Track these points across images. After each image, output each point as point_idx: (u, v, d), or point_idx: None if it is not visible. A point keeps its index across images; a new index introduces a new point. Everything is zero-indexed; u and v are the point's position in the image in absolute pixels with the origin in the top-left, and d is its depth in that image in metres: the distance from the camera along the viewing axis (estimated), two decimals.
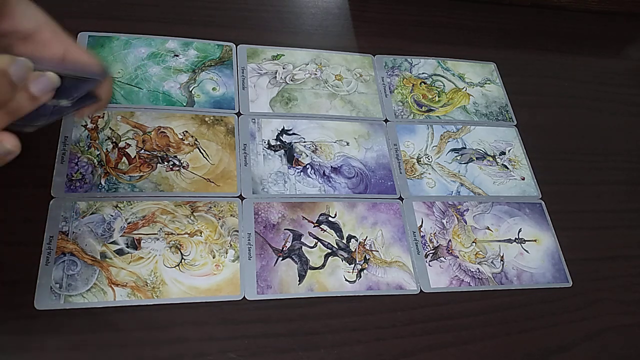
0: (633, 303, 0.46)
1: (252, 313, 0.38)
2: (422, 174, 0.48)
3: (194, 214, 0.41)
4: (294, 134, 0.47)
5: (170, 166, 0.43)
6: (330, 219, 0.44)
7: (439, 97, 0.54)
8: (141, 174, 0.42)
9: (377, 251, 0.43)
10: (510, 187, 0.50)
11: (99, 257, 0.38)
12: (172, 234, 0.40)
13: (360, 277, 0.42)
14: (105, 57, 0.47)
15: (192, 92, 0.47)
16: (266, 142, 0.46)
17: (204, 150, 0.44)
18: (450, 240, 0.45)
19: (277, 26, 0.54)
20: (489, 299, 0.43)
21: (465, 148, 0.51)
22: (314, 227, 0.43)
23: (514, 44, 0.61)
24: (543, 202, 0.49)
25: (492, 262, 0.45)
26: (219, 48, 0.50)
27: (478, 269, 0.44)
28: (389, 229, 0.44)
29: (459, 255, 0.45)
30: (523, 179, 0.51)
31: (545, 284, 0.45)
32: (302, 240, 0.42)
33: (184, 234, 0.40)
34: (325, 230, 0.43)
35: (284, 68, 0.51)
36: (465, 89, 0.55)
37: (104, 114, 0.44)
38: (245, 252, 0.40)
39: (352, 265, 0.42)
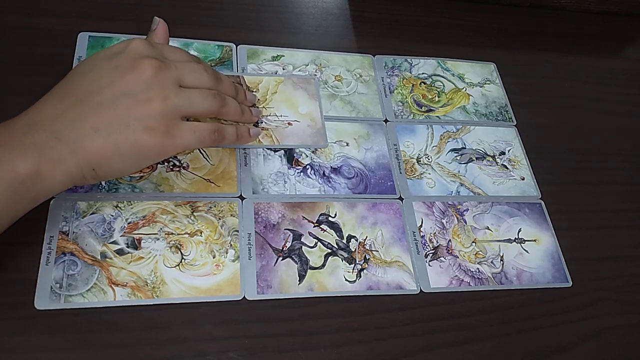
0: (633, 303, 0.46)
1: (252, 313, 0.38)
2: (422, 174, 0.48)
3: (194, 214, 0.41)
4: None
5: (171, 167, 0.43)
6: (330, 219, 0.44)
7: (438, 97, 0.54)
8: (141, 174, 0.42)
9: (377, 251, 0.43)
10: (510, 187, 0.50)
11: (99, 257, 0.38)
12: (172, 233, 0.40)
13: (360, 277, 0.42)
14: None
15: None
16: None
17: (204, 151, 0.44)
18: (450, 240, 0.45)
19: (277, 27, 0.54)
20: (489, 298, 0.43)
21: (465, 148, 0.51)
22: (314, 227, 0.43)
23: (514, 44, 0.62)
24: (543, 202, 0.49)
25: (491, 262, 0.45)
26: (219, 49, 0.50)
27: (478, 268, 0.44)
28: (389, 229, 0.44)
29: (459, 255, 0.45)
30: (523, 179, 0.51)
31: (545, 284, 0.45)
32: (302, 240, 0.42)
33: (184, 234, 0.40)
34: (325, 230, 0.43)
35: (283, 69, 0.51)
36: (465, 89, 0.55)
37: None
38: (246, 252, 0.40)
39: (352, 265, 0.42)
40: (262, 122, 0.46)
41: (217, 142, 0.39)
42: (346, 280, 0.41)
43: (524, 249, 0.46)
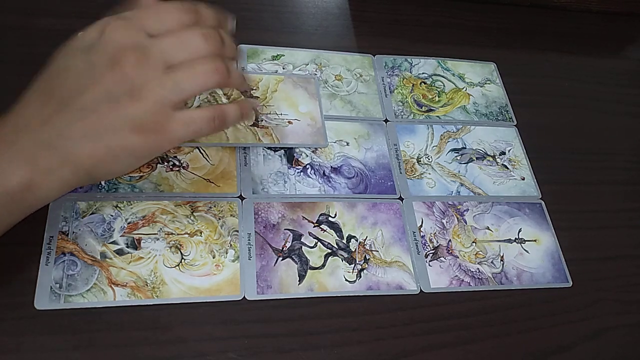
0: (633, 303, 0.46)
1: (252, 313, 0.38)
2: (422, 174, 0.48)
3: (194, 214, 0.41)
4: None
5: (170, 166, 0.43)
6: (330, 219, 0.44)
7: (439, 97, 0.54)
8: (141, 174, 0.42)
9: (377, 251, 0.43)
10: (510, 187, 0.50)
11: (99, 257, 0.38)
12: (172, 234, 0.40)
13: (360, 277, 0.42)
14: None
15: None
16: None
17: (204, 151, 0.44)
18: (450, 240, 0.45)
19: (277, 26, 0.54)
20: (489, 299, 0.43)
21: (465, 148, 0.51)
22: (314, 227, 0.43)
23: (514, 44, 0.62)
24: (543, 202, 0.49)
25: (492, 262, 0.45)
26: None
27: (478, 269, 0.44)
28: (389, 229, 0.44)
29: (459, 255, 0.45)
30: (523, 179, 0.51)
31: (545, 284, 0.45)
32: (302, 240, 0.42)
33: (184, 234, 0.40)
34: (325, 230, 0.43)
35: (284, 68, 0.51)
36: (465, 89, 0.55)
37: None
38: (245, 252, 0.40)
39: (352, 265, 0.42)
40: (262, 120, 0.46)
41: (218, 129, 0.36)
42: (346, 280, 0.41)
43: (524, 249, 0.46)
